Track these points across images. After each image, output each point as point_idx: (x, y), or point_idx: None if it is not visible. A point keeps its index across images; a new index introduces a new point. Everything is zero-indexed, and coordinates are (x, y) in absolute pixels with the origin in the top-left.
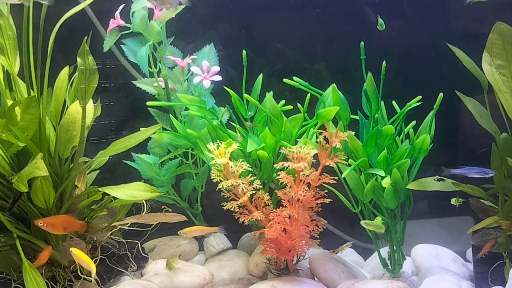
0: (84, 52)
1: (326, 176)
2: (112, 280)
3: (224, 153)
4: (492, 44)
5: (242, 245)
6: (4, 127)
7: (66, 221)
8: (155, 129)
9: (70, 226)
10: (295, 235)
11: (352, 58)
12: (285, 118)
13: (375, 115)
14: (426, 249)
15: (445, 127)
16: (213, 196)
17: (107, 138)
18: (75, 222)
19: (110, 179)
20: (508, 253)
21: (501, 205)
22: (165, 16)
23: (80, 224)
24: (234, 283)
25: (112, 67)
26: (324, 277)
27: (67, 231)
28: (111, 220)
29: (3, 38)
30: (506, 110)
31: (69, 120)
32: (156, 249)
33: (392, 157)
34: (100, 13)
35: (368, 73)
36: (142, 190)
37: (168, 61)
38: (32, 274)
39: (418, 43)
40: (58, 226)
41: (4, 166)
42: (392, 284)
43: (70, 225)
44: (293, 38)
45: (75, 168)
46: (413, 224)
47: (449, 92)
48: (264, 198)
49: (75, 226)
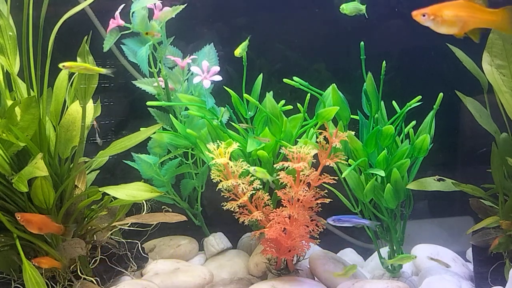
0: (84, 52)
1: (326, 176)
2: (112, 280)
3: (224, 153)
4: (492, 44)
5: (242, 245)
6: (4, 127)
7: (42, 222)
8: (155, 129)
9: (45, 228)
10: (295, 235)
11: (352, 58)
12: (285, 118)
13: (375, 115)
14: (426, 249)
15: (445, 127)
16: (213, 196)
17: (107, 138)
18: (52, 225)
19: (110, 179)
20: (508, 253)
21: (501, 205)
22: (165, 16)
23: (57, 227)
24: (234, 283)
25: (112, 67)
26: (324, 277)
27: (42, 231)
28: (111, 220)
29: (3, 38)
30: (506, 110)
31: (69, 120)
32: (156, 249)
33: (392, 157)
34: (100, 13)
35: (368, 73)
36: (142, 190)
37: (168, 61)
38: (32, 274)
39: (418, 43)
40: (34, 224)
41: (4, 166)
42: (392, 284)
43: (45, 227)
44: (293, 38)
45: (75, 168)
46: (413, 224)
47: (449, 92)
48: (264, 198)
49: (50, 228)
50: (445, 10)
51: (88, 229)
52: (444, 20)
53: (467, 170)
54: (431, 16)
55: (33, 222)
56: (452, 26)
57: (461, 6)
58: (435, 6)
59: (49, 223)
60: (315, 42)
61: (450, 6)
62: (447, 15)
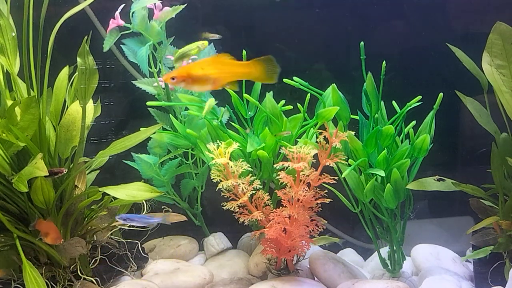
0: (84, 52)
1: (326, 176)
2: (112, 280)
3: (224, 153)
4: (492, 44)
5: (242, 245)
6: (4, 127)
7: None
8: (155, 129)
9: (50, 238)
10: (295, 235)
11: (352, 58)
12: (285, 118)
13: (375, 115)
14: (426, 249)
15: (445, 127)
16: (213, 196)
17: (107, 138)
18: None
19: (110, 179)
20: (508, 253)
21: (501, 205)
22: (165, 16)
23: (58, 239)
24: (234, 283)
25: (112, 67)
26: (324, 277)
27: (46, 238)
28: (111, 220)
29: (3, 38)
30: (506, 110)
31: (69, 120)
32: (156, 249)
33: (392, 157)
34: (100, 13)
35: (368, 73)
36: (142, 190)
37: (168, 61)
38: (32, 274)
39: (418, 43)
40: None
41: (4, 166)
42: (392, 284)
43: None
44: (293, 38)
45: (75, 168)
46: (413, 224)
47: (449, 92)
48: (264, 198)
49: (53, 239)
50: (192, 72)
51: (88, 229)
52: (195, 80)
53: (467, 170)
54: (180, 78)
55: (49, 232)
56: (205, 84)
57: (209, 64)
58: (183, 69)
59: (57, 236)
60: (315, 42)
61: (197, 67)
62: (196, 76)
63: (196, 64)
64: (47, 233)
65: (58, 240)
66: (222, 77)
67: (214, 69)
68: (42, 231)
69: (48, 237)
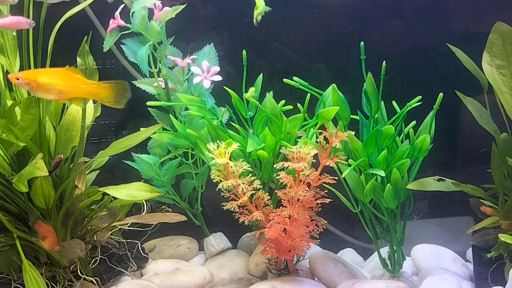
0: (84, 52)
1: (326, 176)
2: (112, 280)
3: (224, 153)
4: (492, 44)
5: (242, 245)
6: (4, 127)
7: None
8: (155, 129)
9: (47, 242)
10: (295, 235)
11: (352, 58)
12: (285, 118)
13: (375, 115)
14: (426, 249)
15: (445, 127)
16: (213, 196)
17: (107, 138)
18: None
19: (110, 179)
20: (508, 253)
21: (501, 205)
22: (165, 16)
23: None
24: (234, 283)
25: (112, 67)
26: (324, 277)
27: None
28: (111, 220)
29: (3, 38)
30: (506, 110)
31: (69, 120)
32: (156, 249)
33: (392, 157)
34: (100, 13)
35: (368, 73)
36: (142, 190)
37: (168, 61)
38: (32, 274)
39: (418, 43)
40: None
41: (4, 166)
42: (392, 284)
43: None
44: (293, 38)
45: (75, 168)
46: (413, 224)
47: (449, 92)
48: (264, 198)
49: (50, 245)
50: (40, 77)
51: (88, 229)
52: (39, 86)
53: (467, 170)
54: (25, 80)
55: (48, 236)
56: (49, 92)
57: (58, 75)
58: (31, 72)
59: (55, 241)
60: (315, 42)
61: (46, 73)
62: (42, 82)
63: (46, 72)
64: (45, 237)
65: (55, 246)
66: (68, 91)
67: (61, 81)
68: (40, 234)
69: (46, 241)
